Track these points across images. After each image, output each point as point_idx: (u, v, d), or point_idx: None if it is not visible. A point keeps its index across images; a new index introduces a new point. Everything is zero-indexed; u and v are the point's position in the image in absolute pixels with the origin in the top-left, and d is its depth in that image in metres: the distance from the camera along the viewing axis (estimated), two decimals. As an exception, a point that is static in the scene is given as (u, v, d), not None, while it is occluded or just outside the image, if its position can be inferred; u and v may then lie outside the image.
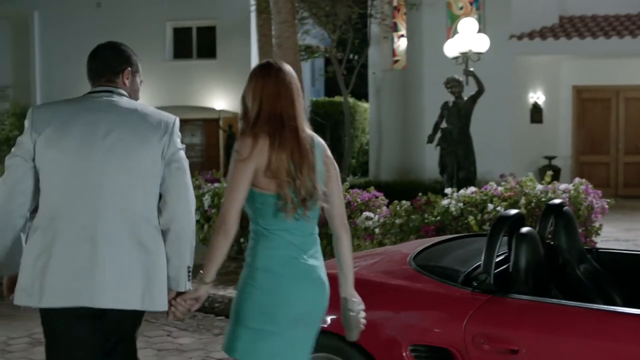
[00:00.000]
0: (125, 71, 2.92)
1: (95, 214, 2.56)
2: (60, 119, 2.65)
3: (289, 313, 2.56)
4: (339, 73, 16.44)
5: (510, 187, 6.94)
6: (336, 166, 2.71)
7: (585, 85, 15.22)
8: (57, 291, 2.52)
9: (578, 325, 2.72)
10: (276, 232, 2.65)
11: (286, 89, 2.60)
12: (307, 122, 2.64)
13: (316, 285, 2.66)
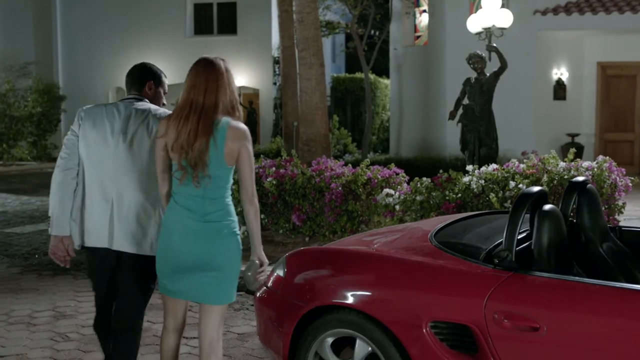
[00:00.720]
0: (148, 83, 3.71)
1: (111, 184, 3.46)
2: (93, 117, 3.54)
3: (174, 261, 3.18)
4: (360, 49, 16.34)
5: (532, 164, 6.88)
6: (248, 149, 3.19)
7: (610, 61, 14.99)
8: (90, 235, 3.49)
9: (600, 303, 2.70)
10: (174, 196, 3.22)
11: (201, 81, 3.15)
12: (226, 109, 3.16)
13: (200, 240, 3.17)
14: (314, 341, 3.33)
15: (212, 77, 3.16)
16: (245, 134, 3.18)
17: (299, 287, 3.48)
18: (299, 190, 7.40)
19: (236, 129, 3.14)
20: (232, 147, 3.13)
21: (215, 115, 3.11)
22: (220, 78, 3.17)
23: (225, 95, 3.17)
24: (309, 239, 7.58)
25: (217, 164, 3.14)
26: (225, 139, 3.11)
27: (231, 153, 3.15)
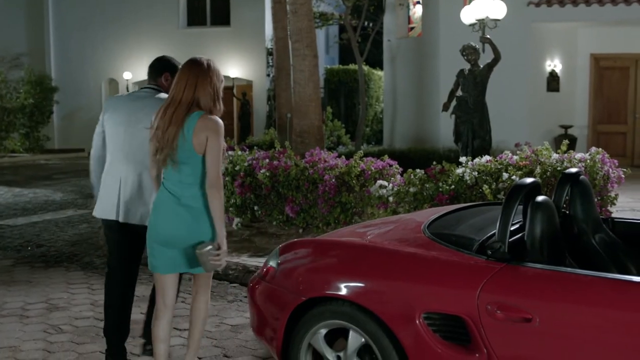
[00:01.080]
0: (165, 74, 4.17)
1: (123, 165, 4.01)
2: (114, 105, 4.11)
3: (157, 237, 3.56)
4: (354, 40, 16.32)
5: (525, 156, 6.89)
6: (215, 139, 3.44)
7: (603, 53, 15.01)
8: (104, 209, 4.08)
9: (592, 294, 2.71)
10: (163, 180, 3.61)
11: (182, 79, 3.50)
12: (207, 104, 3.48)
13: (177, 218, 3.51)
14: (307, 333, 3.34)
15: (192, 75, 3.49)
16: (214, 125, 3.45)
17: (292, 278, 3.48)
18: (292, 181, 7.40)
19: (205, 120, 3.45)
20: (200, 136, 3.43)
21: (190, 109, 3.45)
22: (201, 75, 3.49)
23: (205, 91, 3.48)
24: (303, 230, 7.58)
25: (186, 152, 3.45)
26: (194, 129, 3.42)
27: (200, 142, 3.44)
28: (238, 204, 7.88)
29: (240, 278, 6.24)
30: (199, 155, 3.46)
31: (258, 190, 7.74)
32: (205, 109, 3.48)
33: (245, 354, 4.44)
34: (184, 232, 3.51)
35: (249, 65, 21.25)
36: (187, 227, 3.51)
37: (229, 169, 8.02)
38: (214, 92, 3.51)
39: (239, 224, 8.06)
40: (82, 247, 7.96)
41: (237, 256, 6.78)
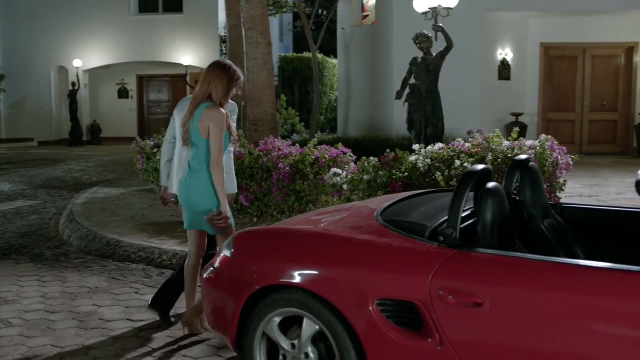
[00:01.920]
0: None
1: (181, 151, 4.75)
2: (182, 104, 4.79)
3: (180, 200, 4.55)
4: (308, 28, 16.25)
5: (477, 143, 6.97)
6: (214, 127, 4.25)
7: (552, 42, 15.29)
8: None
9: (541, 278, 2.76)
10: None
11: (203, 77, 4.36)
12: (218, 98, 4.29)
13: (183, 188, 4.45)
14: (261, 321, 3.33)
15: (208, 74, 4.34)
16: (214, 115, 4.25)
17: (246, 267, 3.46)
18: (246, 170, 7.36)
19: (207, 111, 4.27)
20: (204, 123, 4.26)
21: (202, 101, 4.30)
22: (215, 75, 4.32)
23: (217, 87, 4.29)
24: (257, 219, 7.55)
25: (196, 135, 4.31)
26: (200, 117, 4.27)
27: (203, 128, 4.27)
28: (192, 193, 7.81)
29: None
30: (204, 139, 4.28)
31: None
32: (215, 102, 4.29)
33: (199, 344, 4.42)
34: (193, 199, 4.38)
35: (203, 52, 21.01)
36: (195, 196, 4.36)
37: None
38: (224, 89, 4.30)
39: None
40: (31, 239, 7.80)
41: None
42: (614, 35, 14.91)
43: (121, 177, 12.90)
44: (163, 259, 6.48)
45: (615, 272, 2.65)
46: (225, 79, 4.31)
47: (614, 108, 15.46)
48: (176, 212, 8.27)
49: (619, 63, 15.44)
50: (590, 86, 15.41)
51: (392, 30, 14.33)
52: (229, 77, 4.32)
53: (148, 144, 9.07)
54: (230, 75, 4.32)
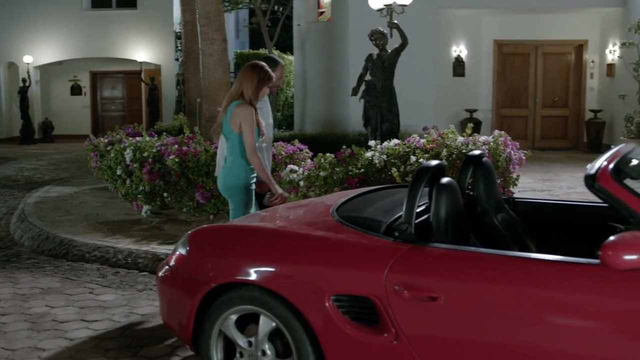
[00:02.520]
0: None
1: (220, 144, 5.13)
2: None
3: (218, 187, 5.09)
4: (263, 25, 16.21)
5: (432, 139, 7.04)
6: (244, 123, 4.74)
7: (505, 39, 15.51)
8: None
9: (494, 271, 2.80)
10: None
11: (237, 76, 4.90)
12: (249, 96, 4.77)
13: (220, 176, 5.01)
14: (217, 319, 3.31)
15: (241, 74, 4.86)
16: (243, 112, 4.74)
17: (202, 265, 3.44)
18: (202, 167, 7.30)
19: (237, 108, 4.77)
20: (235, 119, 4.76)
21: (235, 98, 4.80)
22: (247, 75, 4.81)
23: (248, 86, 4.78)
24: (214, 216, 7.50)
25: (227, 129, 4.84)
26: (232, 113, 4.78)
27: (234, 123, 4.77)
28: (147, 191, 7.72)
29: (150, 266, 6.13)
30: (235, 133, 4.78)
31: (167, 176, 7.59)
32: (246, 100, 4.77)
33: (155, 344, 4.37)
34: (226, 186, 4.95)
35: (157, 49, 20.76)
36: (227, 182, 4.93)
37: (136, 155, 7.83)
38: (254, 88, 4.77)
39: (148, 212, 7.91)
40: (-19, 238, 7.62)
41: (146, 244, 6.65)
42: (564, 33, 15.21)
43: (74, 176, 12.68)
44: (118, 258, 6.39)
45: (565, 265, 2.70)
46: (256, 79, 4.79)
47: (565, 104, 15.77)
48: (131, 210, 8.17)
49: (569, 60, 15.75)
50: (542, 83, 15.69)
51: (348, 26, 14.37)
52: (258, 77, 4.80)
53: (102, 142, 8.93)
54: (260, 76, 4.81)
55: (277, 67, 5.56)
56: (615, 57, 14.17)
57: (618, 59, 13.80)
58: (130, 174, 8.02)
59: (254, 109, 4.80)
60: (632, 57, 11.68)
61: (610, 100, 14.20)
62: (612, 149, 3.07)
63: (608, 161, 2.82)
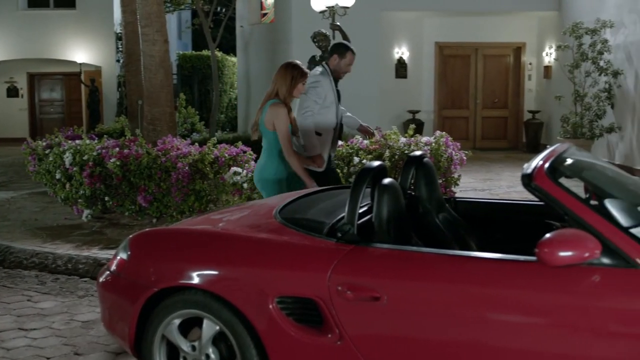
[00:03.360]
0: (332, 57, 5.77)
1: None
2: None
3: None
4: (206, 26, 16.07)
5: (375, 140, 7.10)
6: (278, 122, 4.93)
7: (446, 42, 15.76)
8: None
9: (435, 270, 2.84)
10: None
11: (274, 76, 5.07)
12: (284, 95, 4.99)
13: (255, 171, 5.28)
14: (160, 324, 3.27)
15: (276, 74, 5.04)
16: (276, 112, 4.93)
17: (144, 269, 3.39)
18: (144, 170, 7.20)
19: (272, 107, 4.96)
20: (269, 118, 4.95)
21: (271, 97, 4.99)
22: (281, 74, 5.01)
23: (282, 86, 4.98)
24: (157, 220, 7.41)
25: (263, 128, 5.02)
26: (266, 112, 4.97)
27: (268, 122, 4.95)
28: (87, 194, 7.57)
29: (91, 272, 6.01)
30: (269, 131, 4.96)
31: (108, 180, 7.46)
32: (281, 99, 4.96)
33: (97, 351, 4.29)
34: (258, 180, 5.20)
35: (98, 50, 20.37)
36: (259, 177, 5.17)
37: (76, 158, 7.67)
38: (288, 86, 4.95)
39: (89, 216, 7.75)
40: None
41: (87, 249, 6.52)
42: (503, 35, 15.55)
43: (11, 180, 12.33)
44: (58, 264, 6.24)
45: (504, 262, 2.76)
46: (289, 77, 4.96)
47: (505, 105, 16.12)
48: (72, 214, 8.00)
49: (508, 62, 16.10)
50: (482, 84, 16.00)
51: (291, 28, 14.38)
52: (292, 75, 4.97)
53: (40, 145, 8.72)
54: (293, 74, 4.97)
55: (347, 53, 5.70)
56: (552, 60, 14.55)
57: (554, 61, 14.18)
58: (70, 177, 7.85)
59: (287, 108, 4.98)
60: (567, 59, 12.01)
61: (548, 102, 14.57)
62: (548, 149, 3.15)
63: (544, 161, 2.89)
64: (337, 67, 5.74)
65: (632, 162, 11.19)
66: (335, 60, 5.71)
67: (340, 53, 5.71)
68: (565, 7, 14.15)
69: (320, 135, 5.60)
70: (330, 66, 5.75)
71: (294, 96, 5.05)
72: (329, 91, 5.72)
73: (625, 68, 11.33)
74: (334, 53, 5.75)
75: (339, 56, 5.70)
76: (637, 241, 2.57)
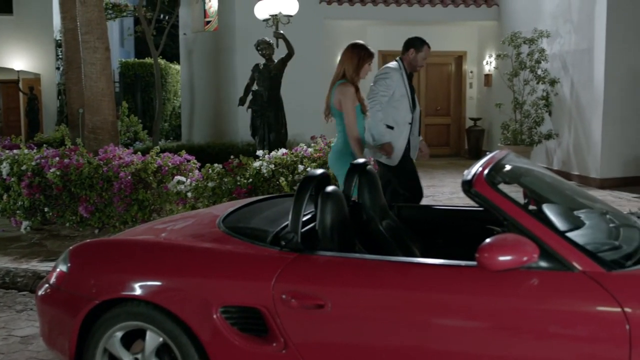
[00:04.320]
0: (409, 51, 5.85)
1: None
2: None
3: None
4: (149, 33, 15.89)
5: (319, 148, 7.13)
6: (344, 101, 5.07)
7: (390, 50, 15.87)
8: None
9: (379, 277, 2.86)
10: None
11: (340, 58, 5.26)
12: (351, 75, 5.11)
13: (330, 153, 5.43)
14: (102, 337, 3.21)
15: (342, 55, 5.17)
16: (343, 92, 5.07)
17: (84, 281, 3.32)
18: (85, 180, 7.06)
19: (340, 87, 5.09)
20: (337, 98, 5.09)
21: (338, 78, 5.12)
22: (347, 56, 5.11)
23: (348, 66, 5.09)
24: (99, 230, 7.27)
25: (334, 109, 5.16)
26: (334, 92, 5.12)
27: (337, 102, 5.09)
28: (26, 206, 7.38)
29: (30, 285, 5.85)
30: (339, 111, 5.10)
31: (48, 190, 7.29)
32: (348, 79, 5.07)
33: (36, 365, 4.18)
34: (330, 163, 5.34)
35: (36, 57, 19.91)
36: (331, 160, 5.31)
37: (14, 168, 7.47)
38: (354, 67, 5.05)
39: (28, 228, 7.54)
40: None
41: (26, 262, 6.35)
42: (445, 44, 15.79)
43: (-54, 191, 11.93)
44: (-6, 278, 6.06)
45: (446, 268, 2.80)
46: (356, 58, 5.06)
47: (447, 113, 16.38)
48: (9, 226, 7.78)
49: (450, 70, 16.38)
50: (425, 92, 16.22)
51: (235, 36, 14.34)
52: (358, 57, 5.07)
53: (-24, 154, 8.46)
54: (360, 54, 5.08)
55: (423, 47, 5.80)
56: (492, 68, 14.87)
57: (494, 69, 14.48)
58: (7, 188, 7.64)
59: (355, 87, 5.07)
60: (507, 68, 12.29)
61: (488, 109, 14.87)
62: (487, 156, 3.22)
63: (483, 167, 2.95)
64: (413, 61, 5.81)
65: (569, 167, 11.51)
66: (412, 54, 5.79)
67: (417, 47, 5.80)
68: (504, 17, 14.50)
69: (392, 128, 5.67)
70: (405, 61, 5.84)
71: (360, 77, 5.14)
72: (399, 85, 5.76)
73: (561, 76, 11.66)
74: (410, 47, 5.85)
75: (415, 50, 5.79)
76: (574, 245, 2.65)
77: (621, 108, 10.57)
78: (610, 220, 3.19)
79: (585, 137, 11.07)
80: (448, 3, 14.91)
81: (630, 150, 10.69)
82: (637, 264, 2.67)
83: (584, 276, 2.57)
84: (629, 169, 10.72)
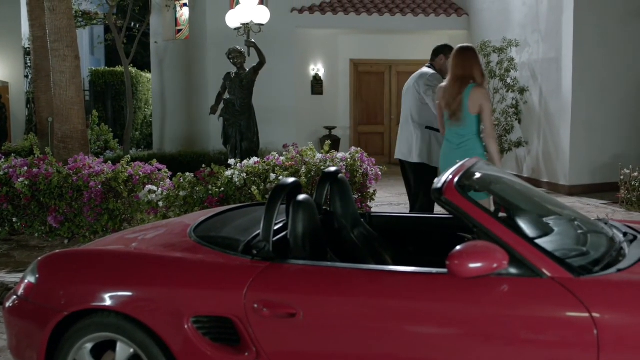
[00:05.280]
0: (439, 57, 6.09)
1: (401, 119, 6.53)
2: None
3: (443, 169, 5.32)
4: (119, 42, 15.80)
5: (291, 156, 7.13)
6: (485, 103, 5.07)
7: (361, 59, 16.02)
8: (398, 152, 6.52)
9: (351, 285, 2.87)
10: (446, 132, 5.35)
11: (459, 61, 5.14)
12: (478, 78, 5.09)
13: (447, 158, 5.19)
14: (71, 349, 3.16)
15: (466, 58, 5.11)
16: (481, 94, 5.05)
17: (53, 292, 3.27)
18: (54, 190, 6.98)
19: (475, 91, 5.06)
20: (475, 102, 5.05)
21: (465, 83, 5.06)
22: (472, 58, 5.12)
23: (477, 69, 5.09)
24: (69, 241, 7.18)
25: (467, 113, 5.09)
26: (469, 96, 5.04)
27: (472, 106, 5.06)
28: (-7, 216, 7.27)
29: (-3, 296, 5.76)
30: (471, 115, 5.09)
31: (16, 200, 7.19)
32: (478, 82, 5.08)
33: (4, 378, 4.11)
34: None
35: (4, 65, 19.64)
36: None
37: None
38: (481, 68, 5.13)
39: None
40: None
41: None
42: (416, 53, 15.87)
43: None
44: (-39, 289, 5.95)
45: (417, 275, 2.82)
46: (477, 59, 5.16)
47: (418, 120, 16.46)
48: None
49: (421, 79, 16.48)
50: (396, 100, 16.28)
51: (206, 45, 14.31)
52: (478, 58, 5.19)
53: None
54: (477, 56, 5.20)
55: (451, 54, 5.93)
56: (462, 76, 14.99)
57: (465, 78, 14.61)
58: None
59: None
60: (477, 76, 12.42)
61: (459, 117, 14.99)
62: (457, 164, 3.25)
63: (453, 175, 2.98)
64: (443, 67, 5.93)
65: (538, 175, 11.66)
66: (442, 60, 5.97)
67: (446, 53, 5.88)
68: (474, 26, 14.67)
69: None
70: (436, 67, 6.04)
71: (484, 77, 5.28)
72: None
73: (530, 85, 11.82)
74: (440, 53, 6.04)
75: (445, 56, 5.93)
76: (543, 252, 2.68)
77: (589, 116, 10.74)
78: (578, 226, 3.23)
79: (554, 145, 11.22)
80: (419, 12, 15.03)
81: (598, 158, 10.87)
82: (605, 269, 2.72)
83: (553, 282, 2.61)
84: (596, 176, 10.89)
